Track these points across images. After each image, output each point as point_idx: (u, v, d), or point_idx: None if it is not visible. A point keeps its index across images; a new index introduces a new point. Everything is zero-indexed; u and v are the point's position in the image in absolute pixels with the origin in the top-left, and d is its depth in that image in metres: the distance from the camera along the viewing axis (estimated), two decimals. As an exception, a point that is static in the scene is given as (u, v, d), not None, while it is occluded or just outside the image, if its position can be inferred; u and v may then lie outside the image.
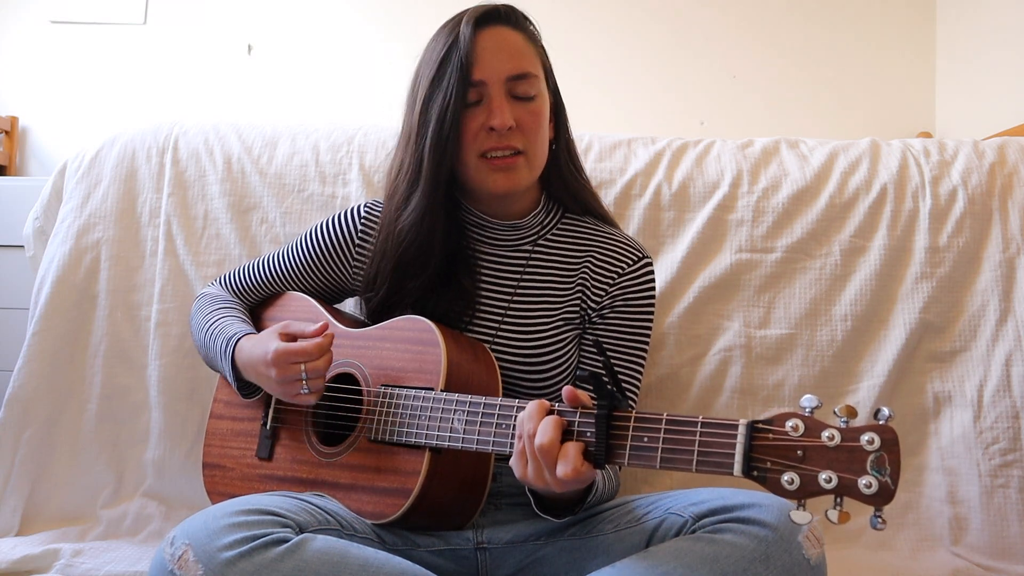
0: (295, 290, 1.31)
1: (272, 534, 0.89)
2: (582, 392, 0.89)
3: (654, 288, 1.24)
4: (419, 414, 1.04)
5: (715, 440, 0.79)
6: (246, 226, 1.61)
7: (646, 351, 1.22)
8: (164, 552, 0.91)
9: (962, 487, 1.44)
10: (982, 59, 2.50)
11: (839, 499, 0.73)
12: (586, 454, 0.86)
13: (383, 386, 1.10)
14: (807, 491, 0.74)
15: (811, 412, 0.76)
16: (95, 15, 2.84)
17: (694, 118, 2.76)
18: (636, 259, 1.23)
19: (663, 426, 0.83)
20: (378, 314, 1.20)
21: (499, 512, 1.16)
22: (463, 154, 1.14)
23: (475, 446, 0.99)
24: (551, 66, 1.22)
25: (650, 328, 1.23)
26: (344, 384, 1.16)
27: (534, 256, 1.23)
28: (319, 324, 1.09)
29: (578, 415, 0.88)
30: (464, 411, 1.01)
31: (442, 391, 1.04)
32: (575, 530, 1.07)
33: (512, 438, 0.95)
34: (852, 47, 2.76)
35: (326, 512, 1.02)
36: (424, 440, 1.03)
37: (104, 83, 2.84)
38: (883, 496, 0.71)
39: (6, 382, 1.50)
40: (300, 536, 0.91)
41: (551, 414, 0.89)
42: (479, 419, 0.99)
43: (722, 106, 2.76)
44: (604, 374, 0.88)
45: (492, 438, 0.97)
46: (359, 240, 1.25)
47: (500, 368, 1.14)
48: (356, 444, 1.10)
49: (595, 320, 1.21)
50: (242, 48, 2.84)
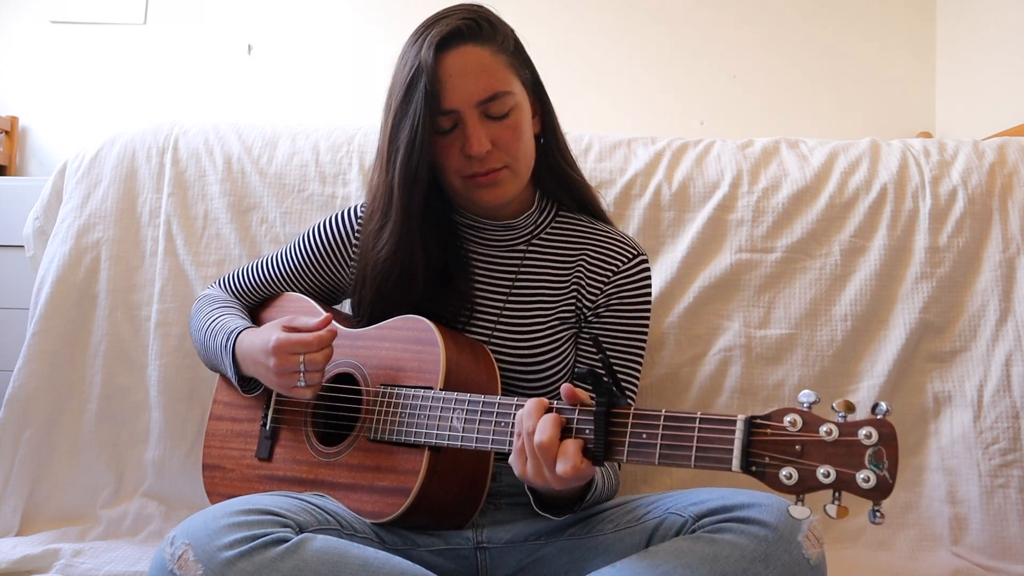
0: (294, 291, 1.31)
1: (272, 534, 0.89)
2: (580, 390, 0.89)
3: (650, 285, 1.23)
4: (418, 413, 1.04)
5: (713, 436, 0.79)
6: (246, 226, 1.61)
7: (643, 349, 1.22)
8: (164, 552, 0.91)
9: (962, 487, 1.44)
10: (982, 59, 2.50)
11: (837, 494, 0.73)
12: (585, 451, 0.86)
13: (382, 385, 1.10)
14: (805, 486, 0.74)
15: (809, 407, 0.76)
16: (95, 15, 2.85)
17: (694, 118, 2.76)
18: (631, 256, 1.22)
19: (661, 422, 0.83)
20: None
21: (499, 512, 1.16)
22: (446, 177, 1.14)
23: (474, 444, 0.99)
24: (529, 65, 1.18)
25: (647, 325, 1.22)
26: (343, 384, 1.16)
27: (528, 256, 1.23)
28: (322, 317, 1.08)
29: (577, 412, 0.88)
30: (463, 410, 1.01)
31: (441, 390, 1.04)
32: (575, 530, 1.07)
33: (511, 436, 0.95)
34: (852, 47, 2.76)
35: (326, 512, 1.02)
36: (423, 439, 1.03)
37: (104, 83, 2.84)
38: (881, 490, 0.71)
39: (6, 382, 1.50)
40: (300, 536, 0.91)
41: (550, 412, 0.89)
42: (478, 417, 0.99)
43: (722, 106, 2.76)
44: (602, 371, 0.88)
45: (491, 436, 0.97)
46: (355, 241, 1.25)
47: (498, 367, 1.14)
48: (355, 444, 1.10)
49: (591, 319, 1.21)
50: (242, 48, 2.84)
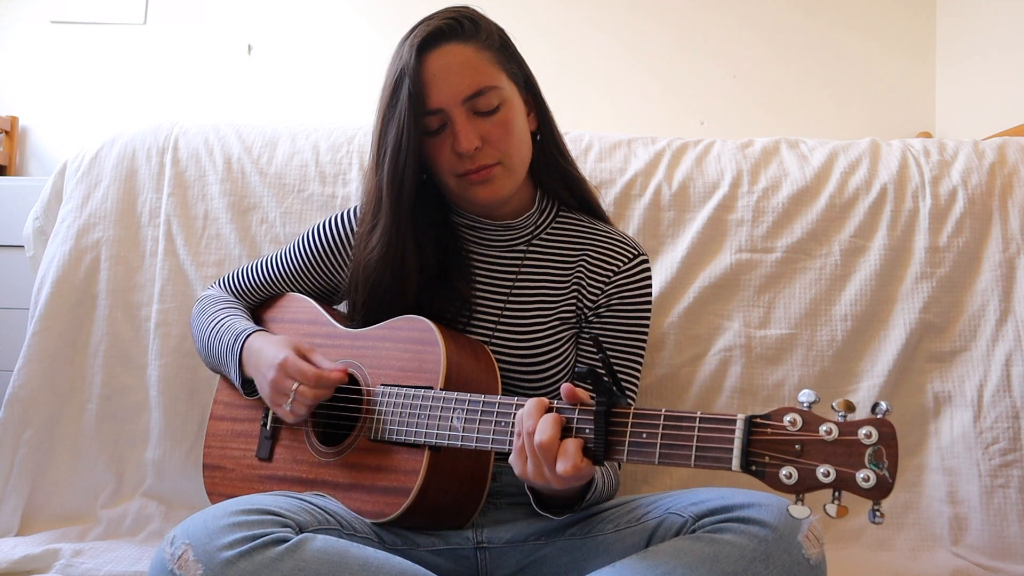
0: (294, 291, 1.31)
1: (272, 534, 0.89)
2: (580, 389, 0.89)
3: (650, 285, 1.23)
4: (419, 413, 1.04)
5: (713, 435, 0.79)
6: (246, 226, 1.61)
7: (644, 349, 1.22)
8: (164, 552, 0.91)
9: (962, 487, 1.44)
10: (982, 59, 2.50)
11: (837, 493, 0.73)
12: (585, 450, 0.86)
13: (383, 385, 1.10)
14: (805, 485, 0.74)
15: (809, 407, 0.76)
16: (95, 15, 2.85)
17: (694, 118, 2.76)
18: (632, 256, 1.22)
19: (661, 422, 0.83)
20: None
21: (499, 511, 1.16)
22: (441, 177, 1.14)
23: (474, 444, 0.99)
24: (518, 61, 1.17)
25: (647, 325, 1.22)
26: (344, 384, 1.16)
27: (529, 256, 1.23)
28: (337, 367, 1.11)
29: (577, 412, 0.88)
30: (463, 409, 1.01)
31: (441, 390, 1.04)
32: (575, 530, 1.07)
33: (511, 436, 0.95)
34: (852, 47, 2.76)
35: (326, 512, 1.02)
36: (424, 439, 1.03)
37: (104, 83, 2.84)
38: (881, 489, 0.71)
39: (6, 382, 1.50)
40: (300, 536, 0.91)
41: (550, 411, 0.89)
42: (478, 417, 0.99)
43: (722, 106, 2.77)
44: (603, 371, 0.88)
45: (491, 436, 0.97)
46: (354, 243, 1.25)
47: (498, 368, 1.14)
48: (356, 444, 1.10)
49: (591, 319, 1.21)
50: (242, 48, 2.85)
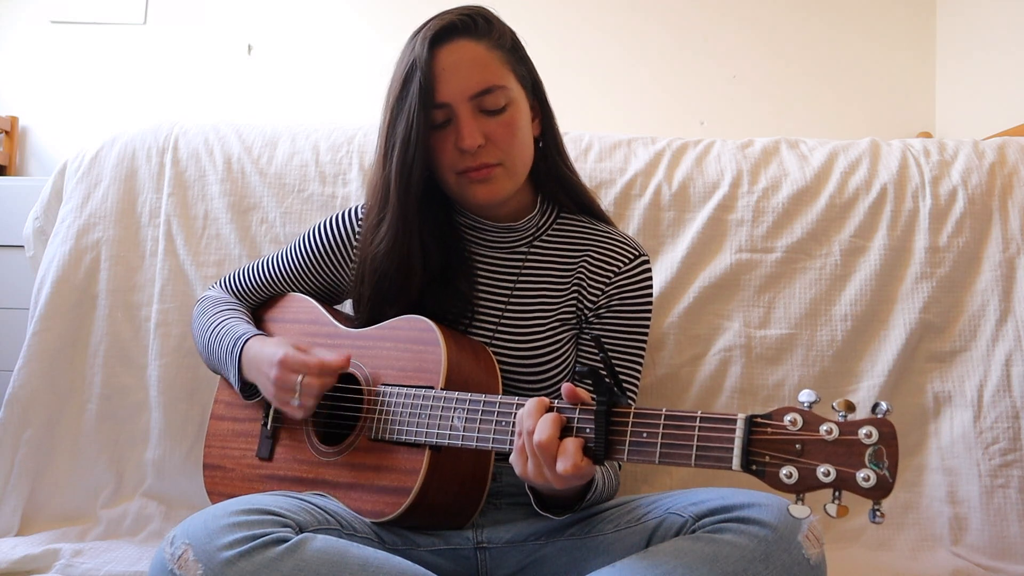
0: (295, 291, 1.31)
1: (272, 534, 0.89)
2: (581, 389, 0.89)
3: (651, 286, 1.23)
4: (419, 413, 1.04)
5: (714, 435, 0.79)
6: (246, 226, 1.60)
7: (644, 349, 1.22)
8: (164, 552, 0.90)
9: (962, 487, 1.44)
10: (982, 59, 2.50)
11: (837, 493, 0.73)
12: (586, 450, 0.86)
13: (383, 385, 1.10)
14: (806, 485, 0.74)
15: (809, 407, 0.76)
16: (95, 15, 2.85)
17: (694, 118, 2.76)
18: (632, 257, 1.23)
19: (662, 421, 0.83)
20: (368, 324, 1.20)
21: (499, 511, 1.16)
22: (441, 173, 1.14)
23: (475, 444, 0.99)
24: (527, 64, 1.18)
25: (648, 326, 1.22)
26: (345, 383, 1.16)
27: (530, 257, 1.23)
28: (339, 356, 1.10)
29: (577, 411, 0.88)
30: (464, 409, 1.01)
31: (442, 390, 1.04)
32: (575, 530, 1.07)
33: (512, 436, 0.95)
34: (852, 47, 2.76)
35: (326, 512, 1.02)
36: (424, 439, 1.03)
37: (104, 83, 2.84)
38: (881, 489, 0.71)
39: (6, 382, 1.50)
40: (300, 536, 0.91)
41: (550, 411, 0.89)
42: (479, 417, 0.99)
43: (722, 106, 2.77)
44: (603, 370, 0.88)
45: (492, 435, 0.97)
46: (356, 242, 1.24)
47: (499, 368, 1.14)
48: (356, 443, 1.10)
49: (592, 319, 1.21)
50: (242, 48, 2.85)
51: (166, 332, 1.54)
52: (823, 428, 0.74)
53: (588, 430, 0.86)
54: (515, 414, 0.95)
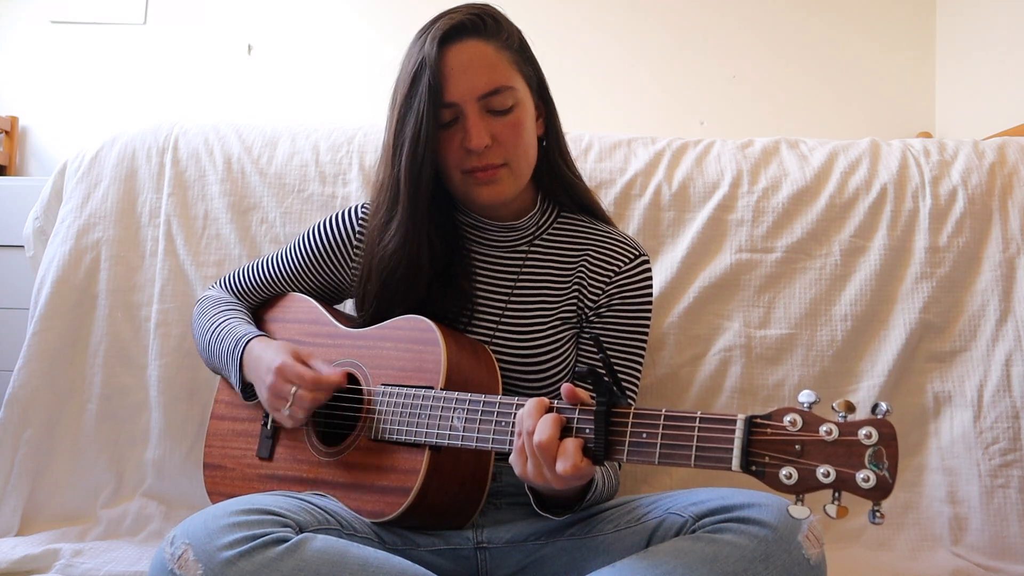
0: (295, 291, 1.31)
1: (272, 534, 0.89)
2: (581, 389, 0.89)
3: (651, 286, 1.23)
4: (419, 413, 1.04)
5: (713, 435, 0.79)
6: (246, 226, 1.61)
7: (644, 349, 1.22)
8: (164, 552, 0.90)
9: (962, 487, 1.44)
10: (982, 59, 2.50)
11: (837, 493, 0.73)
12: (585, 450, 0.86)
13: (383, 385, 1.10)
14: (805, 486, 0.74)
15: (809, 407, 0.76)
16: (95, 15, 2.85)
17: (694, 118, 2.76)
18: (633, 257, 1.23)
19: (662, 422, 0.83)
20: (371, 323, 1.19)
21: (499, 511, 1.16)
22: (446, 171, 1.14)
23: (475, 444, 0.99)
24: (534, 65, 1.18)
25: (648, 326, 1.22)
26: (342, 386, 1.16)
27: (530, 256, 1.23)
28: (336, 372, 1.10)
29: (577, 412, 0.88)
30: (464, 409, 1.01)
31: (442, 390, 1.04)
32: (575, 530, 1.07)
33: (512, 436, 0.95)
34: (852, 47, 2.76)
35: (326, 512, 1.02)
36: (424, 439, 1.03)
37: (104, 83, 2.84)
38: (881, 490, 0.71)
39: (6, 382, 1.50)
40: (300, 536, 0.90)
41: (550, 411, 0.89)
42: (479, 417, 0.99)
43: (722, 106, 2.77)
44: (603, 370, 0.88)
45: (492, 436, 0.97)
46: (356, 241, 1.25)
47: (499, 368, 1.14)
48: (356, 443, 1.10)
49: (592, 319, 1.21)
50: (242, 48, 2.85)
51: (166, 332, 1.54)
52: (823, 429, 0.74)
53: (588, 430, 0.86)
54: (515, 414, 0.95)
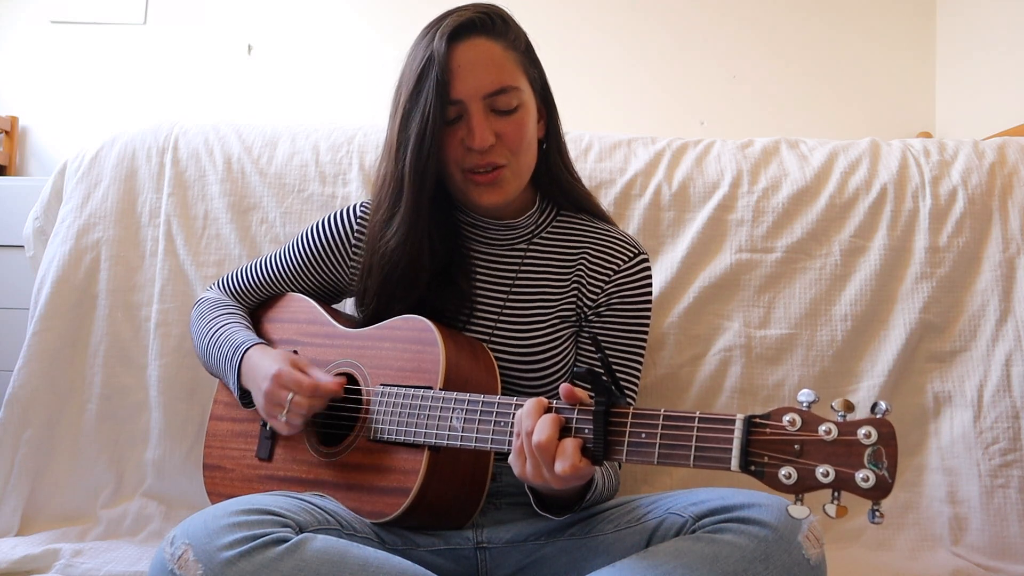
0: (294, 291, 1.31)
1: (272, 534, 0.89)
2: (579, 389, 0.89)
3: (651, 284, 1.23)
4: (418, 413, 1.04)
5: (712, 435, 0.79)
6: (246, 226, 1.61)
7: (644, 348, 1.22)
8: (164, 552, 0.90)
9: (962, 487, 1.44)
10: (982, 59, 2.50)
11: (837, 493, 0.73)
12: (584, 451, 0.86)
13: (382, 385, 1.10)
14: (805, 485, 0.74)
15: (808, 406, 0.76)
16: (95, 15, 2.85)
17: (694, 118, 2.76)
18: (632, 255, 1.23)
19: (660, 422, 0.83)
20: (371, 322, 1.19)
21: (499, 511, 1.16)
22: (447, 169, 1.14)
23: (474, 444, 0.99)
24: (538, 67, 1.19)
25: (647, 325, 1.22)
26: (339, 394, 1.15)
27: (529, 255, 1.23)
28: (334, 379, 1.10)
29: (576, 412, 0.88)
30: (463, 409, 1.01)
31: (441, 390, 1.04)
32: (575, 530, 1.07)
33: (511, 436, 0.95)
34: (852, 47, 2.76)
35: (326, 512, 1.02)
36: (423, 439, 1.03)
37: (104, 83, 2.84)
38: (881, 490, 0.70)
39: (6, 382, 1.50)
40: (300, 536, 0.90)
41: (549, 411, 0.89)
42: (477, 417, 0.99)
43: (722, 106, 2.77)
44: (601, 371, 0.88)
45: (491, 436, 0.97)
46: (355, 240, 1.25)
47: (498, 367, 1.14)
48: (355, 444, 1.10)
49: (592, 318, 1.21)
50: (242, 48, 2.85)
51: (166, 332, 1.54)
52: (822, 428, 0.74)
53: (587, 431, 0.86)
54: (514, 414, 0.95)
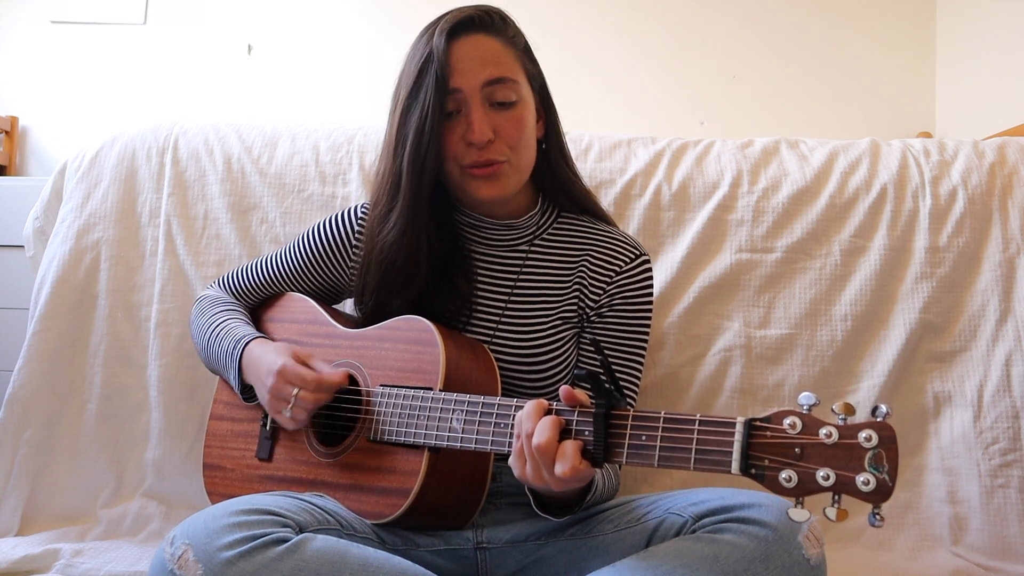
0: (294, 291, 1.31)
1: (272, 534, 0.89)
2: (580, 391, 0.89)
3: (652, 286, 1.24)
4: (418, 414, 1.04)
5: (713, 438, 0.79)
6: (246, 226, 1.61)
7: (644, 350, 1.22)
8: (164, 552, 0.90)
9: (962, 487, 1.44)
10: (982, 59, 2.50)
11: (837, 497, 0.73)
12: (584, 453, 0.86)
13: (382, 386, 1.10)
14: (805, 489, 0.74)
15: (809, 409, 0.76)
16: (95, 15, 2.85)
17: (694, 118, 2.76)
18: (633, 256, 1.23)
19: (661, 424, 0.82)
20: (372, 320, 1.19)
21: (499, 512, 1.16)
22: (446, 165, 1.14)
23: (474, 445, 0.99)
24: (536, 66, 1.20)
25: (648, 326, 1.22)
26: (344, 386, 1.16)
27: (531, 255, 1.23)
28: (337, 372, 1.11)
29: (576, 414, 0.88)
30: (463, 410, 1.01)
31: (441, 391, 1.04)
32: (575, 530, 1.07)
33: (511, 437, 0.95)
34: (852, 47, 2.76)
35: (326, 512, 1.02)
36: (423, 440, 1.03)
37: (104, 83, 2.84)
38: (881, 493, 0.70)
39: (6, 382, 1.50)
40: (300, 536, 0.90)
41: (549, 413, 0.89)
42: (477, 418, 0.99)
43: (722, 106, 2.77)
44: (602, 373, 0.88)
45: (491, 437, 0.97)
46: (356, 241, 1.25)
47: (499, 368, 1.14)
48: (355, 444, 1.10)
49: (593, 319, 1.21)
50: (242, 48, 2.85)
51: (166, 332, 1.54)
52: (823, 432, 0.73)
53: (587, 433, 0.86)
54: (514, 415, 0.95)
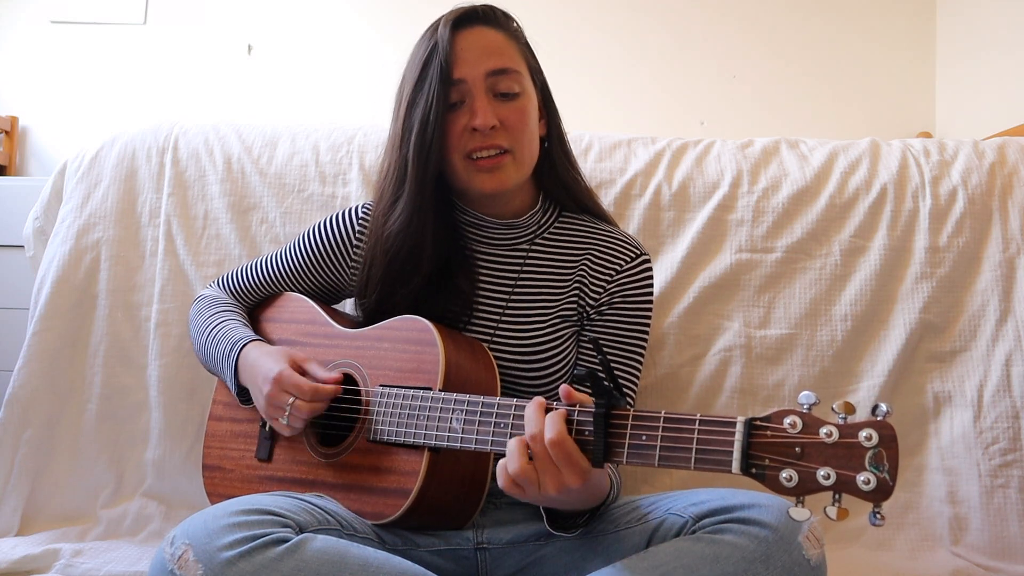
0: (293, 291, 1.31)
1: (272, 534, 0.89)
2: (579, 392, 0.89)
3: (652, 285, 1.24)
4: (417, 414, 1.04)
5: (713, 438, 0.79)
6: (246, 226, 1.61)
7: (644, 349, 1.22)
8: (164, 552, 0.90)
9: (962, 487, 1.44)
10: (982, 59, 2.50)
11: (838, 496, 0.73)
12: (585, 452, 0.86)
13: (381, 386, 1.10)
14: (806, 488, 0.74)
15: (809, 409, 0.76)
16: (95, 15, 2.85)
17: (694, 118, 2.76)
18: (634, 256, 1.23)
19: (661, 424, 0.82)
20: (372, 318, 1.19)
21: (499, 512, 1.16)
22: (449, 156, 1.14)
23: (474, 445, 0.98)
24: (538, 63, 1.21)
25: (648, 326, 1.22)
26: (340, 394, 1.15)
27: (531, 254, 1.23)
28: (332, 375, 1.11)
29: (576, 413, 0.88)
30: (462, 410, 1.00)
31: (440, 391, 1.04)
32: (575, 530, 1.07)
33: (511, 436, 0.94)
34: (852, 47, 2.76)
35: (326, 512, 1.02)
36: (423, 440, 1.03)
37: (104, 83, 2.84)
38: (882, 492, 0.70)
39: (6, 382, 1.50)
40: (300, 536, 0.90)
41: (550, 411, 0.89)
42: (477, 418, 0.99)
43: (722, 106, 2.77)
44: (602, 372, 0.88)
45: (491, 437, 0.97)
46: (356, 241, 1.25)
47: (499, 367, 1.14)
48: (355, 444, 1.10)
49: (593, 318, 1.21)
50: (242, 48, 2.85)
51: (166, 332, 1.54)
52: (823, 431, 0.73)
53: (587, 432, 0.86)
54: (513, 415, 0.95)
